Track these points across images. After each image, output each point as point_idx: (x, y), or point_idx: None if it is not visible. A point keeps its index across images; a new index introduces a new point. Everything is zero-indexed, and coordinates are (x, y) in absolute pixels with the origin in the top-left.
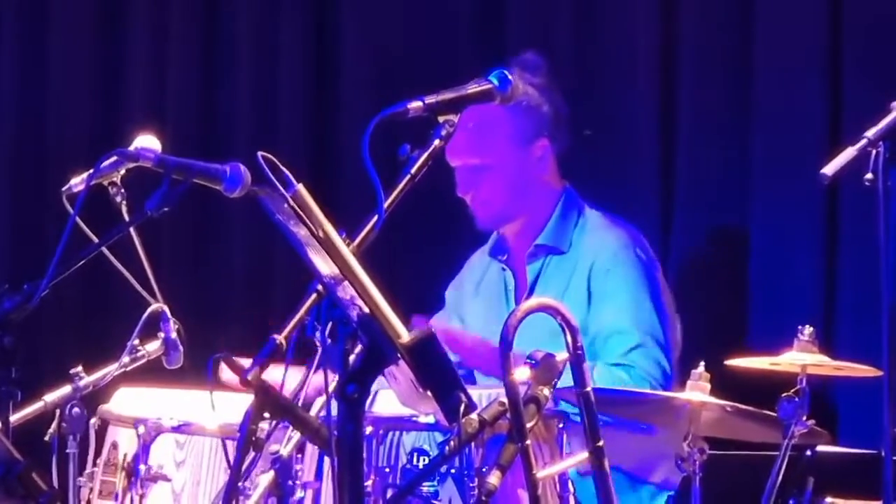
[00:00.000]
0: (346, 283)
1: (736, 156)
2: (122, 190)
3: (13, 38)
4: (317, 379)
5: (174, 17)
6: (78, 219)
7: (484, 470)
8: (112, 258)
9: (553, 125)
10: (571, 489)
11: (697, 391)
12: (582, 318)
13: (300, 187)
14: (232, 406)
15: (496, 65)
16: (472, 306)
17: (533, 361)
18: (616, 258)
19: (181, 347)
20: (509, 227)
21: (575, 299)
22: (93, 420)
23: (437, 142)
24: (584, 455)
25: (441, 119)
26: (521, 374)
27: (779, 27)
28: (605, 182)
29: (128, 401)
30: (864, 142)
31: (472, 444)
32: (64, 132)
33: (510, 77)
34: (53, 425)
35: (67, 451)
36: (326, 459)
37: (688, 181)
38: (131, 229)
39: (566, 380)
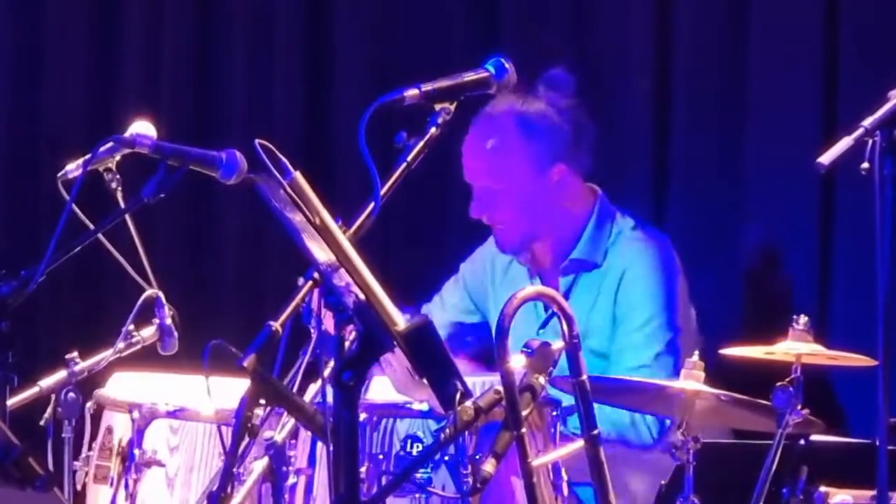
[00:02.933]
0: (342, 270)
1: (732, 145)
2: (118, 176)
3: (8, 24)
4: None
5: (169, 4)
6: (74, 205)
7: (478, 457)
8: (108, 244)
9: (572, 147)
10: (565, 477)
11: (692, 380)
12: (608, 332)
13: (297, 174)
14: (227, 392)
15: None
16: (494, 298)
17: (529, 350)
18: (644, 274)
19: (176, 333)
20: (537, 247)
21: (602, 312)
22: (88, 404)
23: (433, 129)
24: (579, 443)
25: (438, 107)
26: (517, 362)
27: (775, 15)
28: (600, 171)
29: (123, 385)
30: (860, 131)
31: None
32: (59, 119)
33: (507, 65)
34: (49, 410)
35: (63, 435)
36: (319, 445)
37: (683, 169)
38: (126, 215)
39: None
